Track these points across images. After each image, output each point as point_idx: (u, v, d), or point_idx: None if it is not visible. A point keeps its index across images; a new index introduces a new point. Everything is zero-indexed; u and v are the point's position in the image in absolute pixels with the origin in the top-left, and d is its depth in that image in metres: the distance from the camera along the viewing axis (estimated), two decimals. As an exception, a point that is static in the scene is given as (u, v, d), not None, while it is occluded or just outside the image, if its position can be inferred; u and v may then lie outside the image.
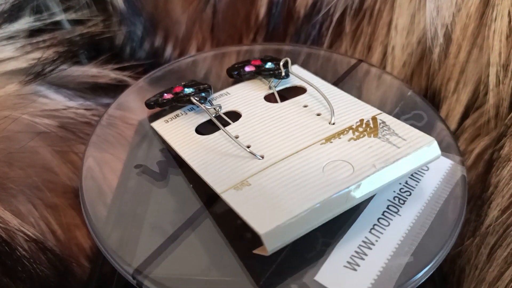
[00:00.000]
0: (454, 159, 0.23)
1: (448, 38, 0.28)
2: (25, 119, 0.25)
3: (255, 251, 0.19)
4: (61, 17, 0.30)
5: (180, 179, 0.22)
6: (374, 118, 0.23)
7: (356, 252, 0.19)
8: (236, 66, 0.27)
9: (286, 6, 0.31)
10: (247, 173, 0.20)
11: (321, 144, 0.21)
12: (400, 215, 0.21)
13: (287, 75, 0.26)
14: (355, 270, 0.19)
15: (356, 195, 0.19)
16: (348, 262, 0.19)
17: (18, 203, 0.25)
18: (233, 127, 0.23)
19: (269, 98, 0.25)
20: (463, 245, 0.25)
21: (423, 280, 0.19)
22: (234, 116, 0.24)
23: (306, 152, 0.21)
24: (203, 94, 0.24)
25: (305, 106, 0.24)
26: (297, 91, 0.25)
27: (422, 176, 0.22)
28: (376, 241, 0.20)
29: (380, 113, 0.23)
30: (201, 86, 0.25)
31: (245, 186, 0.20)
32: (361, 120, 0.23)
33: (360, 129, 0.22)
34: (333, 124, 0.22)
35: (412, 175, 0.22)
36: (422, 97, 0.27)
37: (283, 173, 0.20)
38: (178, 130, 0.24)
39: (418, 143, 0.21)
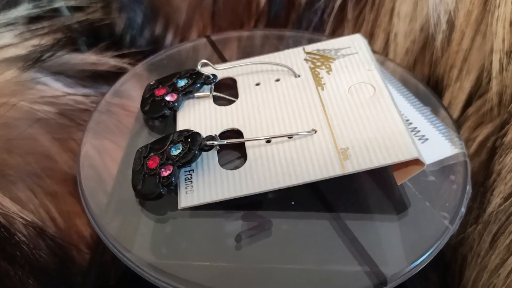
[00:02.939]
0: (456, 146, 0.23)
1: (451, 24, 0.27)
2: (24, 105, 0.25)
3: (404, 179, 0.21)
4: (60, 3, 0.29)
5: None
6: (311, 52, 0.25)
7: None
8: (151, 105, 0.24)
9: (288, -7, 0.31)
10: (333, 146, 0.21)
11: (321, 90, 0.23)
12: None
13: (214, 76, 0.24)
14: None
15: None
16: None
17: (18, 190, 0.24)
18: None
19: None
20: (466, 232, 0.25)
21: (424, 265, 0.19)
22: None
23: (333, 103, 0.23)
24: (197, 86, 0.24)
25: (257, 84, 0.24)
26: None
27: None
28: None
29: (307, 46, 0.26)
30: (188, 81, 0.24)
31: (346, 153, 0.20)
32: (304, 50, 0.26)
33: (318, 63, 0.25)
34: (299, 76, 0.24)
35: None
36: (425, 85, 0.27)
37: (345, 128, 0.21)
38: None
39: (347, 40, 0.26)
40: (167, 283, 0.18)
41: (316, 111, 0.22)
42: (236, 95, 0.24)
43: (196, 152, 0.20)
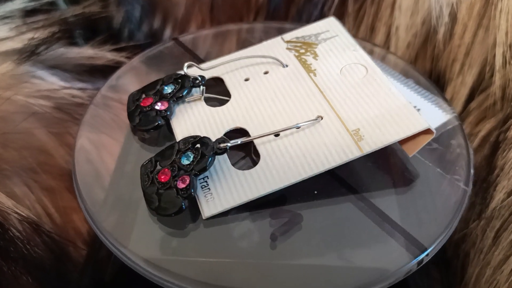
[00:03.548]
0: (447, 112, 0.23)
1: (453, 17, 0.27)
2: (20, 99, 0.25)
3: (415, 151, 0.21)
4: (56, -4, 0.29)
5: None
6: (291, 40, 0.25)
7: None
8: (142, 118, 0.22)
9: (287, -14, 0.31)
10: (343, 129, 0.21)
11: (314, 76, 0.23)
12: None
13: (202, 78, 0.23)
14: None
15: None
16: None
17: (13, 185, 0.24)
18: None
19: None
20: (468, 228, 0.25)
21: (426, 261, 0.19)
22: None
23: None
24: (184, 93, 0.23)
25: (246, 80, 0.24)
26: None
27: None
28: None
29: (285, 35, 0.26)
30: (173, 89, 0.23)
31: (358, 134, 0.21)
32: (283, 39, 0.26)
33: (302, 51, 0.25)
34: (287, 66, 0.24)
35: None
36: (427, 79, 0.26)
37: (350, 109, 0.22)
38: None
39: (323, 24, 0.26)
40: (163, 279, 0.18)
41: (316, 97, 0.22)
42: (226, 94, 0.23)
43: (211, 157, 0.20)
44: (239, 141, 0.20)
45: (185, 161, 0.20)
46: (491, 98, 0.26)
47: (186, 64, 0.23)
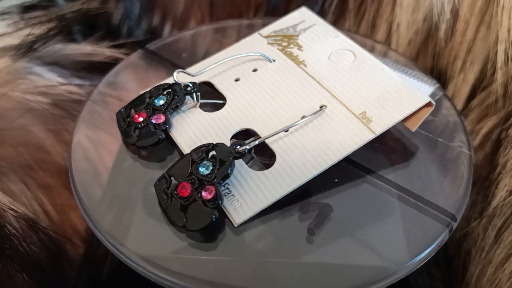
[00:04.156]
0: (429, 84, 0.24)
1: (455, 14, 0.27)
2: (17, 95, 0.24)
3: (417, 125, 0.22)
4: (55, -8, 0.29)
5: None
6: (269, 35, 0.25)
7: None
8: (140, 134, 0.21)
9: (287, -18, 0.30)
10: (350, 114, 0.21)
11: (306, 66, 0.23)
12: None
13: (194, 84, 0.23)
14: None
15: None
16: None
17: (10, 182, 0.24)
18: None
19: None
20: (469, 227, 0.24)
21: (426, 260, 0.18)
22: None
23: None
24: (178, 105, 0.22)
25: (237, 80, 0.23)
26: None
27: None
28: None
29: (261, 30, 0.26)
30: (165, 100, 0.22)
31: (366, 117, 0.21)
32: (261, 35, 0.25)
33: (284, 44, 0.24)
34: (274, 61, 0.24)
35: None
36: (428, 76, 0.26)
37: (351, 94, 0.22)
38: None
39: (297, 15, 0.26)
40: (161, 277, 0.17)
41: (314, 87, 0.22)
42: (219, 97, 0.23)
43: (232, 162, 0.19)
44: (256, 141, 0.20)
45: (204, 171, 0.19)
46: (493, 96, 0.26)
47: (175, 72, 0.23)
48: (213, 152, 0.19)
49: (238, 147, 0.19)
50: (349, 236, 0.19)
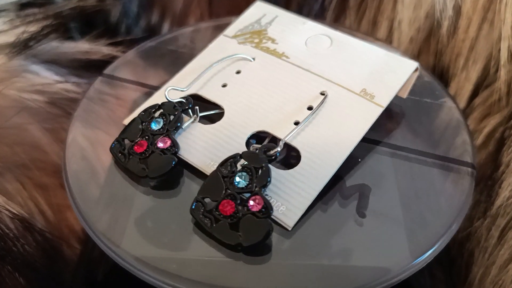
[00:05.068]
0: (463, 138, 0.23)
1: (457, 11, 0.26)
2: (12, 94, 0.24)
3: (407, 91, 0.23)
4: (51, -11, 0.29)
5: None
6: (236, 35, 0.25)
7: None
8: (150, 164, 0.20)
9: (287, -21, 0.30)
10: (353, 95, 0.22)
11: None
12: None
13: (187, 99, 0.22)
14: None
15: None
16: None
17: (5, 182, 0.24)
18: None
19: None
20: (472, 227, 0.24)
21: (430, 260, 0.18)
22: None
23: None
24: (178, 124, 0.21)
25: (224, 86, 0.23)
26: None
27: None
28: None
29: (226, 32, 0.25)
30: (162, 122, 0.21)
31: (368, 93, 0.21)
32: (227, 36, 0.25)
33: (257, 40, 0.24)
34: (254, 59, 0.24)
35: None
36: (430, 74, 0.26)
37: (345, 76, 0.22)
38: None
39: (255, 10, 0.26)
40: (157, 278, 0.17)
41: (306, 76, 0.22)
42: (212, 107, 0.22)
43: (269, 168, 0.18)
44: (284, 140, 0.20)
45: (241, 183, 0.18)
46: (496, 94, 0.26)
47: (166, 91, 0.21)
48: (242, 162, 0.19)
49: (268, 151, 0.19)
50: (350, 237, 0.18)
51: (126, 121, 0.22)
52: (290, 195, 0.19)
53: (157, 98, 0.23)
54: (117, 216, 0.19)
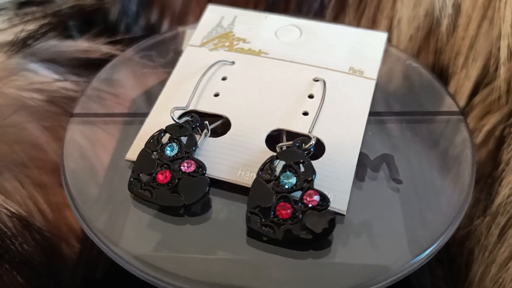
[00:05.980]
0: (463, 135, 0.23)
1: (457, 9, 0.26)
2: (11, 92, 0.24)
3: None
4: (50, -12, 0.28)
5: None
6: (204, 42, 0.25)
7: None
8: (184, 192, 0.19)
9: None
10: (346, 75, 0.23)
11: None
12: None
13: (194, 117, 0.21)
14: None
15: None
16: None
17: (4, 180, 0.23)
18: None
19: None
20: (472, 225, 0.24)
21: (430, 258, 0.18)
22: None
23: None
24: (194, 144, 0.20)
25: (216, 95, 0.22)
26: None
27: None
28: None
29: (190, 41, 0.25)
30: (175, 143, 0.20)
31: (356, 70, 0.23)
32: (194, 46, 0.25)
33: (227, 43, 0.24)
34: (234, 63, 0.24)
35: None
36: (430, 72, 0.26)
37: (330, 60, 0.23)
38: None
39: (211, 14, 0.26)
40: (155, 277, 0.17)
41: (293, 67, 0.23)
42: (211, 120, 0.21)
43: (309, 161, 0.19)
44: (313, 133, 0.20)
45: (289, 183, 0.18)
46: (495, 92, 0.25)
47: (172, 112, 0.21)
48: (281, 161, 0.18)
49: (303, 145, 0.19)
50: (350, 235, 0.18)
51: (129, 156, 0.21)
52: (331, 182, 0.19)
53: (150, 124, 0.22)
54: (116, 215, 0.19)
